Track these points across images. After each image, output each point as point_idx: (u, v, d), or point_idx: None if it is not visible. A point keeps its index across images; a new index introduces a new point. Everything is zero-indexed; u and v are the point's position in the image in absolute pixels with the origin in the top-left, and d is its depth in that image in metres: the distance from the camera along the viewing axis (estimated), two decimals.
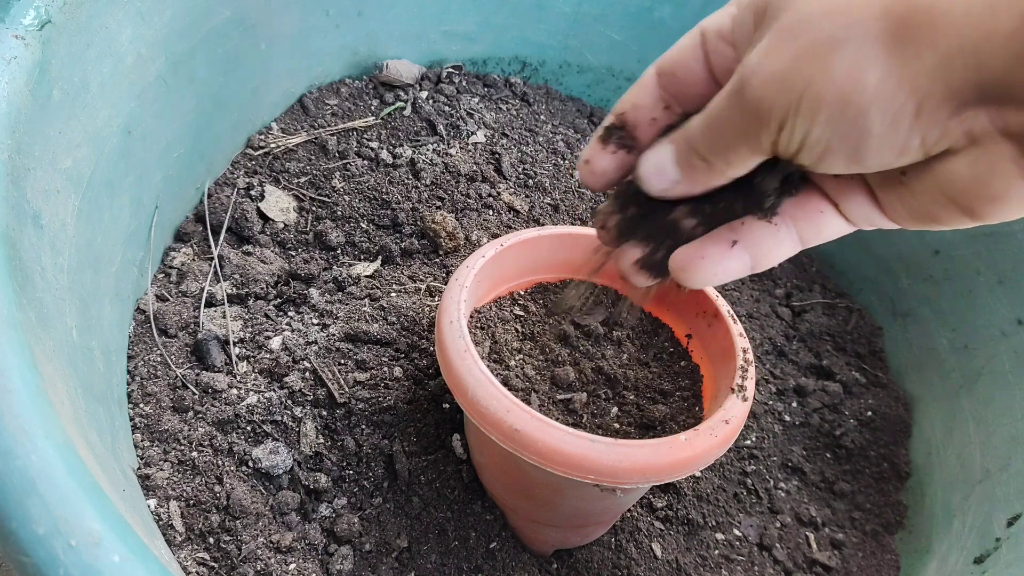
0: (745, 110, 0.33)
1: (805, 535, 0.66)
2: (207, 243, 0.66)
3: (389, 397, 0.57)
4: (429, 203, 0.71)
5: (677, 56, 0.40)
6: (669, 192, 0.38)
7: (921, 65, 0.29)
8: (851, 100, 0.30)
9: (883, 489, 0.70)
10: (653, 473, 0.42)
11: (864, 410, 0.74)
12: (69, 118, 0.47)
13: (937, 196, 0.32)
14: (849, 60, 0.29)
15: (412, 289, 0.64)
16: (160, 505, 0.49)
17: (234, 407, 0.54)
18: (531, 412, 0.42)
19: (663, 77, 0.40)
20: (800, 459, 0.69)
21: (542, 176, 0.77)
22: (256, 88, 0.70)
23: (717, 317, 0.53)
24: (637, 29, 0.86)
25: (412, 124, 0.78)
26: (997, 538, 0.58)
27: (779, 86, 0.31)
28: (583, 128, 0.88)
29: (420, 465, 0.55)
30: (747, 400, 0.47)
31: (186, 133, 0.63)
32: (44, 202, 0.43)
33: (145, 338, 0.58)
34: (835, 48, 0.30)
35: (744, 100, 0.32)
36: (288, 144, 0.73)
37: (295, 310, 0.63)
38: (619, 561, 0.58)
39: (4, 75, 0.41)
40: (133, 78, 0.55)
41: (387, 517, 0.53)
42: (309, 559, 0.51)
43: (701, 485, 0.64)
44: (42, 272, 0.41)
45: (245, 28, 0.66)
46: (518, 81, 0.88)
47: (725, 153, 0.35)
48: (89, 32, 0.49)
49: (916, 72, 0.29)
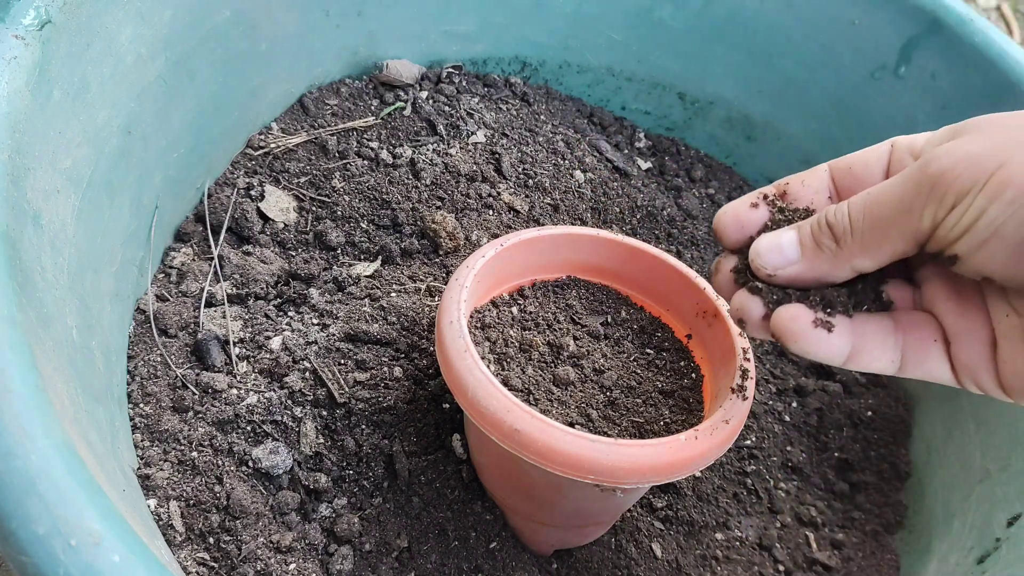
0: (921, 183, 0.31)
1: (805, 535, 0.66)
2: (207, 243, 0.66)
3: (389, 397, 0.57)
4: (429, 203, 0.71)
5: (859, 155, 0.39)
6: (779, 273, 0.37)
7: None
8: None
9: (883, 489, 0.70)
10: (653, 473, 0.42)
11: (864, 410, 0.74)
12: (69, 118, 0.47)
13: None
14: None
15: (412, 289, 0.64)
16: (160, 505, 0.49)
17: (234, 407, 0.54)
18: (531, 412, 0.42)
19: (838, 171, 0.40)
20: (800, 459, 0.69)
21: (542, 176, 0.77)
22: (256, 88, 0.70)
23: (717, 317, 0.53)
24: (637, 29, 0.86)
25: (412, 124, 0.78)
26: (997, 538, 0.58)
27: (969, 163, 0.30)
28: (583, 128, 0.88)
29: (420, 465, 0.55)
30: (747, 400, 0.47)
31: (186, 133, 0.63)
32: (44, 202, 0.43)
33: (145, 338, 0.58)
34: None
35: (925, 174, 0.31)
36: (288, 144, 0.73)
37: (295, 310, 0.63)
38: (619, 561, 0.58)
39: (4, 75, 0.41)
40: (133, 78, 0.55)
41: (387, 517, 0.53)
42: (309, 559, 0.51)
43: (701, 485, 0.64)
44: (42, 272, 0.41)
45: (245, 28, 0.66)
46: (518, 81, 0.88)
47: (873, 231, 0.33)
48: (89, 32, 0.49)
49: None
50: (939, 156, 0.31)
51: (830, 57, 0.81)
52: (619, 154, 0.86)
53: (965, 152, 0.30)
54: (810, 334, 0.36)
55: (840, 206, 0.35)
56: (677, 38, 0.87)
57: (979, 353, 0.34)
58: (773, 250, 0.37)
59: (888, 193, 0.33)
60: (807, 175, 0.41)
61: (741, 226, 0.40)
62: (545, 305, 0.56)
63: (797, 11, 0.80)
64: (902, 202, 0.32)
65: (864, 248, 0.34)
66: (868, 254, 0.34)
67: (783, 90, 0.86)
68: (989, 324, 0.34)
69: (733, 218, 0.41)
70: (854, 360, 0.36)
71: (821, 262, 0.36)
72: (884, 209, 0.33)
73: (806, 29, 0.80)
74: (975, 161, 0.30)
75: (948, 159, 0.30)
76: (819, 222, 0.36)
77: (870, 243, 0.34)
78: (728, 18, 0.84)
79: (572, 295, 0.57)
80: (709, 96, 0.90)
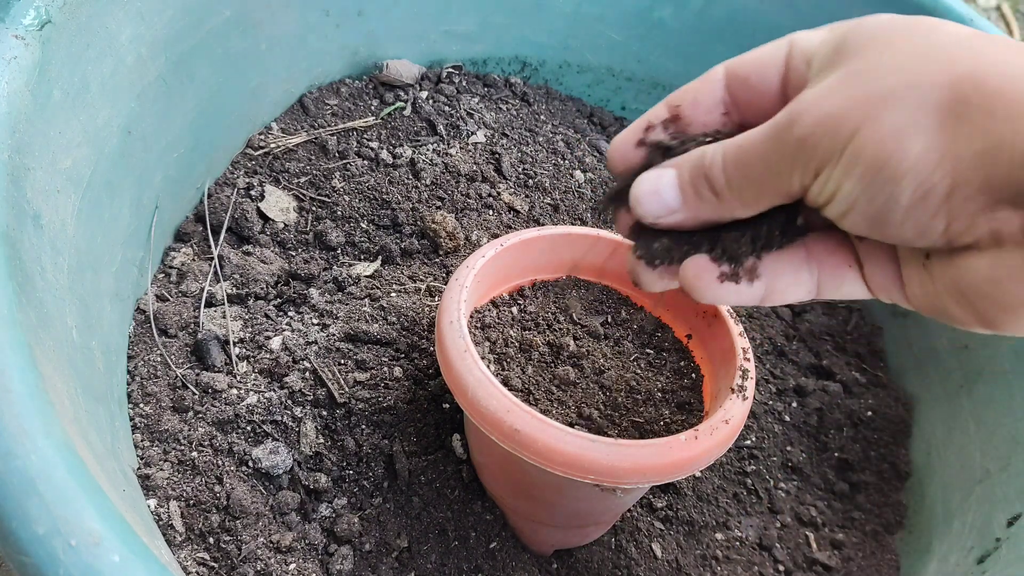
0: (787, 146, 0.30)
1: (805, 535, 0.66)
2: (207, 243, 0.66)
3: (389, 397, 0.57)
4: (429, 203, 0.71)
5: (756, 61, 0.36)
6: (661, 220, 0.36)
7: (966, 148, 0.27)
8: (888, 163, 0.28)
9: (883, 489, 0.70)
10: (653, 473, 0.42)
11: (864, 410, 0.74)
12: (69, 118, 0.47)
13: (954, 292, 0.30)
14: (900, 120, 0.28)
15: (412, 289, 0.64)
16: (160, 505, 0.49)
17: (234, 407, 0.54)
18: (531, 412, 0.42)
19: (733, 80, 0.37)
20: (800, 459, 0.69)
21: (542, 176, 0.77)
22: (256, 88, 0.70)
23: (717, 317, 0.53)
24: (637, 29, 0.86)
25: (412, 124, 0.78)
26: (997, 538, 0.58)
27: (827, 129, 0.29)
28: (583, 128, 0.88)
29: (420, 465, 0.55)
30: (747, 400, 0.47)
31: (186, 133, 0.63)
32: (44, 202, 0.43)
33: (145, 338, 0.58)
34: (891, 104, 0.28)
35: (790, 135, 0.30)
36: (288, 144, 0.73)
37: (295, 310, 0.63)
38: (619, 561, 0.58)
39: (4, 75, 0.41)
40: (133, 78, 0.55)
41: (387, 517, 0.53)
42: (309, 559, 0.51)
43: (701, 485, 0.64)
44: (42, 272, 0.41)
45: (245, 28, 0.66)
46: (518, 81, 0.88)
47: (748, 189, 0.32)
48: (89, 32, 0.49)
49: (959, 154, 0.27)
50: (801, 115, 0.30)
51: None
52: None
53: (826, 113, 0.29)
54: (718, 288, 0.35)
55: (715, 156, 0.34)
56: (677, 38, 0.87)
57: (888, 276, 0.34)
58: (652, 196, 0.35)
59: (759, 150, 0.32)
60: (700, 88, 0.38)
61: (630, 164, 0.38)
62: (545, 305, 0.56)
63: (797, 11, 0.80)
64: (770, 164, 0.31)
65: (743, 202, 0.33)
66: (748, 207, 0.33)
67: None
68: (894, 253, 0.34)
69: (621, 157, 0.38)
70: (769, 300, 0.36)
71: (704, 210, 0.34)
72: (755, 169, 0.32)
73: (806, 29, 0.80)
74: (833, 127, 0.29)
75: (809, 120, 0.30)
76: (696, 169, 0.34)
77: (748, 198, 0.33)
78: (728, 18, 0.84)
79: (572, 295, 0.57)
80: None
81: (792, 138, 0.30)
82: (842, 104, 0.29)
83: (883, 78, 0.29)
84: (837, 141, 0.29)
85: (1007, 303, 0.28)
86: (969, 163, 0.27)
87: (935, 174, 0.27)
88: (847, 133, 0.29)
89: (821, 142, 0.29)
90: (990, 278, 0.28)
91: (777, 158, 0.31)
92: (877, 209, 0.29)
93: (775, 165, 0.31)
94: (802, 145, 0.30)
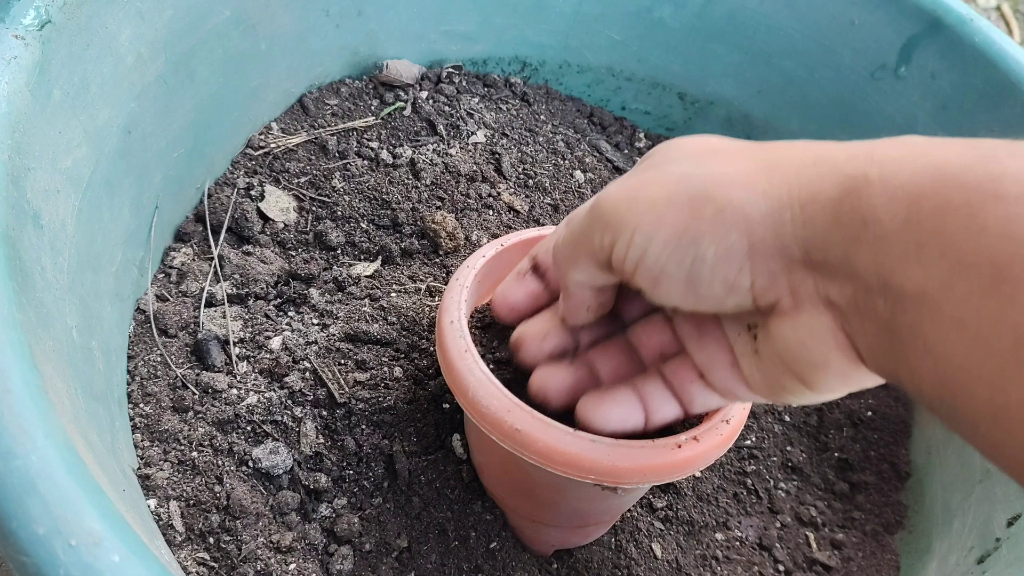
0: (593, 218, 0.34)
1: (805, 535, 0.66)
2: (207, 243, 0.66)
3: (389, 397, 0.57)
4: (429, 203, 0.71)
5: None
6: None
7: (756, 209, 0.28)
8: (690, 225, 0.29)
9: (883, 489, 0.70)
10: (653, 473, 0.42)
11: (864, 410, 0.74)
12: (69, 118, 0.47)
13: (779, 362, 0.31)
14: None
15: (412, 289, 0.64)
16: (160, 505, 0.49)
17: (234, 407, 0.54)
18: (531, 412, 0.42)
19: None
20: (800, 459, 0.70)
21: (542, 176, 0.77)
22: (256, 88, 0.70)
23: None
24: (637, 29, 0.86)
25: (412, 124, 0.78)
26: (997, 538, 0.58)
27: (628, 199, 0.32)
28: (583, 128, 0.88)
29: (420, 465, 0.55)
30: None
31: (186, 133, 0.63)
32: (44, 202, 0.43)
33: (145, 338, 0.58)
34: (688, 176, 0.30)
35: (594, 209, 0.34)
36: (288, 144, 0.73)
37: (295, 310, 0.63)
38: (619, 561, 0.58)
39: (4, 75, 0.41)
40: (133, 78, 0.55)
41: (387, 517, 0.53)
42: (309, 559, 0.51)
43: (701, 485, 0.64)
44: (42, 272, 0.41)
45: (245, 28, 0.66)
46: (518, 81, 0.88)
47: (573, 261, 0.36)
48: (89, 32, 0.49)
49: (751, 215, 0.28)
50: (606, 192, 0.33)
51: (830, 57, 0.81)
52: (619, 154, 0.86)
53: (627, 188, 0.32)
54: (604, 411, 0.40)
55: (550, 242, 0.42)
56: (677, 38, 0.87)
57: (728, 373, 0.36)
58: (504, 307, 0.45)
59: (575, 229, 0.36)
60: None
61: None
62: None
63: (797, 11, 0.80)
64: (584, 235, 0.35)
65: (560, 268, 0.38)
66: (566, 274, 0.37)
67: (783, 90, 0.86)
68: (728, 347, 0.36)
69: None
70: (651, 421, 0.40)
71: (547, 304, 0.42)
72: (575, 234, 0.36)
73: (806, 29, 0.80)
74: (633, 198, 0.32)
75: (612, 195, 0.33)
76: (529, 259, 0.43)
77: (566, 264, 0.37)
78: (728, 18, 0.84)
79: None
80: (709, 96, 0.90)
81: (595, 212, 0.34)
82: (641, 181, 0.32)
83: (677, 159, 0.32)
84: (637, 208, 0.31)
85: (817, 363, 0.29)
86: (761, 224, 0.28)
87: (732, 234, 0.29)
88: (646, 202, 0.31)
89: (621, 210, 0.32)
90: (796, 339, 0.29)
91: (587, 229, 0.34)
92: (686, 270, 0.30)
93: (587, 235, 0.34)
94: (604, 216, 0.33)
